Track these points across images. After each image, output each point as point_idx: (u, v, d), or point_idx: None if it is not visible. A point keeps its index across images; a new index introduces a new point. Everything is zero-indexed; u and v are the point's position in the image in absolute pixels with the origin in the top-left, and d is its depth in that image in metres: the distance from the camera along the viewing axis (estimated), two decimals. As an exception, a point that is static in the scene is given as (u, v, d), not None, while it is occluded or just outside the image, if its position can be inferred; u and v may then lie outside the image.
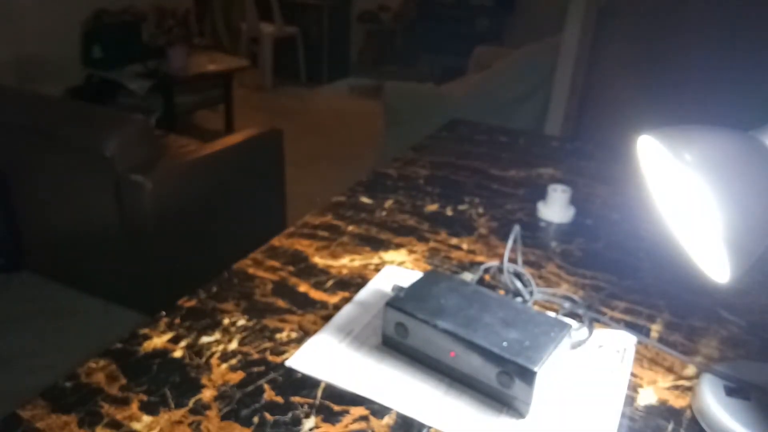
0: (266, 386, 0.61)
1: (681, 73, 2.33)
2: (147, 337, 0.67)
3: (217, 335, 0.68)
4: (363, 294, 0.77)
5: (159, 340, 0.66)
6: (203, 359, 0.64)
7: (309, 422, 0.57)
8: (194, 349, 0.65)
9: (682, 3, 2.32)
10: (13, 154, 2.01)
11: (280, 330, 0.69)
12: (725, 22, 2.23)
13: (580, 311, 0.73)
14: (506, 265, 0.79)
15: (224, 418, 0.57)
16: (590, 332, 0.69)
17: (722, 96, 2.19)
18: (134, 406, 0.57)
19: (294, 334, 0.69)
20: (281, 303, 0.74)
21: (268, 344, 0.67)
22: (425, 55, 5.21)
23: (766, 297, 0.81)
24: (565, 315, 0.74)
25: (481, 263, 0.83)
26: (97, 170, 1.81)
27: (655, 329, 0.73)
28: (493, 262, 0.83)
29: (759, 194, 0.49)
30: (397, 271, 0.83)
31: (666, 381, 0.65)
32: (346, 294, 0.76)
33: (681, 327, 0.74)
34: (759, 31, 2.15)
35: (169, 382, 0.60)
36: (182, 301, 0.73)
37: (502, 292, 0.78)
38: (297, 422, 0.57)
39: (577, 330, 0.69)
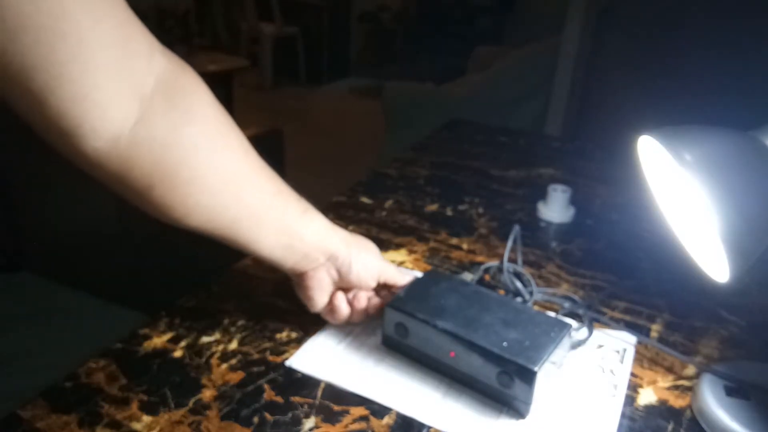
0: (266, 386, 0.61)
1: (681, 73, 2.34)
2: (147, 337, 0.67)
3: (217, 335, 0.68)
4: (363, 294, 0.77)
5: (159, 340, 0.66)
6: (203, 359, 0.64)
7: (309, 422, 0.57)
8: (194, 349, 0.65)
9: (682, 3, 2.32)
10: (13, 154, 2.01)
11: (280, 330, 0.69)
12: (726, 21, 2.23)
13: (580, 311, 0.73)
14: (506, 265, 0.79)
15: (224, 418, 0.57)
16: (590, 332, 0.70)
17: (722, 96, 2.19)
18: (134, 406, 0.57)
19: (294, 334, 0.69)
20: (281, 303, 0.74)
21: (268, 344, 0.67)
22: (425, 55, 5.22)
23: (766, 297, 0.81)
24: (565, 315, 0.74)
25: (481, 263, 0.83)
26: (97, 170, 1.80)
27: (655, 329, 0.73)
28: (493, 262, 0.82)
29: (759, 194, 0.49)
30: (397, 271, 0.83)
31: (666, 381, 0.65)
32: (346, 294, 0.76)
33: (681, 327, 0.74)
34: (759, 31, 2.15)
35: (169, 382, 0.60)
36: (182, 301, 0.73)
37: (502, 292, 0.78)
38: (297, 422, 0.57)
39: (577, 330, 0.69)
